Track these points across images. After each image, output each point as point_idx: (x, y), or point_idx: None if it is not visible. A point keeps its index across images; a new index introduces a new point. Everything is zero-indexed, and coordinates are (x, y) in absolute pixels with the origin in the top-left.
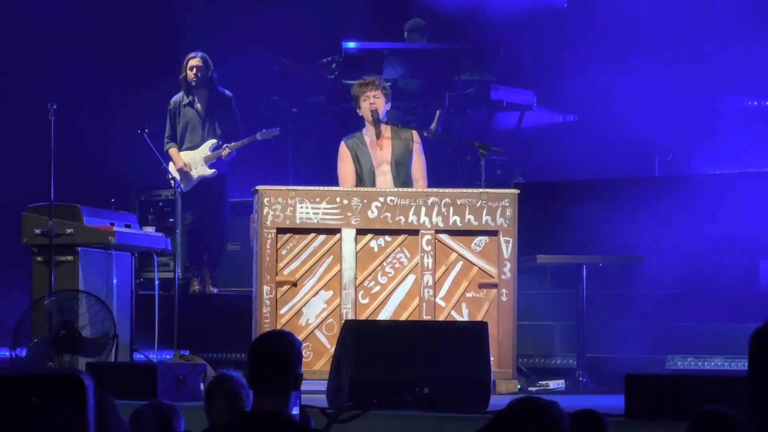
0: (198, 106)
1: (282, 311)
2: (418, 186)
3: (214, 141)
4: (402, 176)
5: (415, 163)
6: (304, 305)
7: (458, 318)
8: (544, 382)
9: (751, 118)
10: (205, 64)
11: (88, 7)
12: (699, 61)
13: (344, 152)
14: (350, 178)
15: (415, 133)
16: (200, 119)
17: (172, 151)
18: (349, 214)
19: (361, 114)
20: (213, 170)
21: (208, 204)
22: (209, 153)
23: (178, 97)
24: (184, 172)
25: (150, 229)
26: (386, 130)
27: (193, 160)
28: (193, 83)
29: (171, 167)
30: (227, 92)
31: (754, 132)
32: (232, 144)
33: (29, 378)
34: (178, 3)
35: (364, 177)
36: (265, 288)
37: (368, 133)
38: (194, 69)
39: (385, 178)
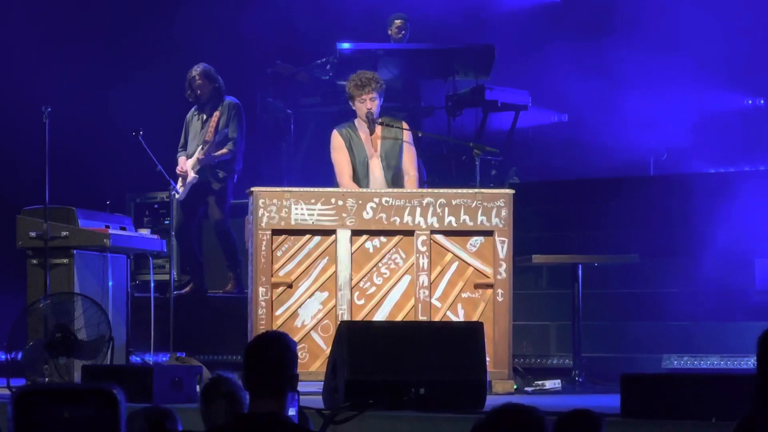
0: (203, 116)
1: (277, 313)
2: (408, 179)
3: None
4: (392, 168)
5: (405, 155)
6: (299, 307)
7: (454, 318)
8: (540, 382)
9: (746, 116)
10: (205, 78)
11: (82, 9)
12: (693, 60)
13: (338, 141)
14: (347, 166)
15: (405, 124)
16: (201, 129)
17: (180, 159)
18: (344, 215)
19: (354, 108)
20: (195, 176)
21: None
22: (195, 159)
23: (192, 111)
24: (181, 177)
25: (145, 232)
26: (378, 129)
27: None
28: (202, 99)
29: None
30: (233, 100)
31: (748, 131)
32: (216, 152)
33: (61, 392)
34: (171, 6)
35: (357, 167)
36: (261, 289)
37: (361, 126)
38: (198, 89)
39: (376, 169)
